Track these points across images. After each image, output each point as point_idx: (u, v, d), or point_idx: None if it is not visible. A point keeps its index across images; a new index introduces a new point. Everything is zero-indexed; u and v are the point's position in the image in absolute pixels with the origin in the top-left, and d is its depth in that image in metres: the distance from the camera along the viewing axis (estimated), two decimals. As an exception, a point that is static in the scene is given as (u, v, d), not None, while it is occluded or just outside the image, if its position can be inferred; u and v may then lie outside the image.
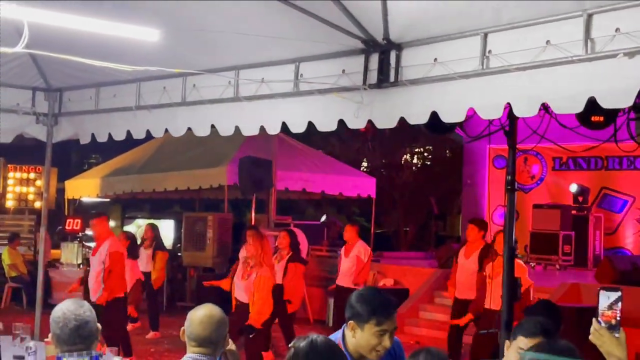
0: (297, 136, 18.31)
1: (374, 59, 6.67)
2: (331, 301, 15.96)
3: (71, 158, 35.95)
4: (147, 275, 14.74)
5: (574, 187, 18.43)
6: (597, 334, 3.43)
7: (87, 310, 4.09)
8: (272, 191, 18.90)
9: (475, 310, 10.82)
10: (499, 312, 8.22)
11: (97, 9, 6.31)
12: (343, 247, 13.99)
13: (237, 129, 7.93)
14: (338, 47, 6.86)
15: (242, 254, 11.81)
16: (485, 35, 5.94)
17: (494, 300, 9.96)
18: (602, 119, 7.11)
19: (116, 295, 10.86)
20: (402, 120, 6.64)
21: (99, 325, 4.16)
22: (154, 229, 15.52)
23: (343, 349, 4.00)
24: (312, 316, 16.37)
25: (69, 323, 4.01)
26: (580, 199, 18.40)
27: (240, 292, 11.15)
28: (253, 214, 18.45)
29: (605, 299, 3.51)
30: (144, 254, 14.86)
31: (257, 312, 10.58)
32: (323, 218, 20.33)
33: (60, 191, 23.11)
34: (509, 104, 5.91)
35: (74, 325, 4.01)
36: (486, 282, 10.52)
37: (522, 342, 4.33)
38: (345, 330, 4.12)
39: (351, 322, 4.06)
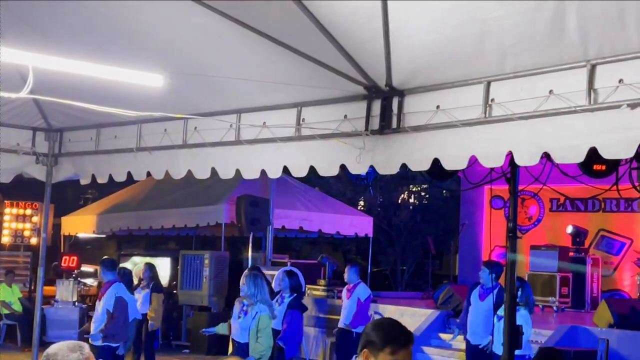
0: (294, 175, 18.33)
1: (376, 105, 6.69)
2: (329, 342, 15.86)
3: (67, 193, 35.82)
4: (144, 316, 14.59)
5: (569, 229, 18.40)
6: None
7: (82, 354, 3.92)
8: (269, 229, 18.88)
9: None
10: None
11: (100, 54, 6.33)
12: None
13: (237, 172, 7.92)
14: (340, 93, 6.89)
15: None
16: (489, 83, 5.97)
17: None
18: (604, 167, 7.12)
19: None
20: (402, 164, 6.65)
21: None
22: (151, 268, 15.32)
23: None
24: (310, 357, 16.23)
25: None
26: (578, 240, 18.36)
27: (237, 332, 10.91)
28: (250, 252, 18.41)
29: None
30: (141, 294, 14.55)
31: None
32: (320, 258, 20.28)
33: (56, 227, 23.03)
34: (510, 152, 5.92)
35: None
36: None
37: None
38: None
39: (365, 350, 3.92)
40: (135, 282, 14.60)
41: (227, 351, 11.03)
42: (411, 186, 27.83)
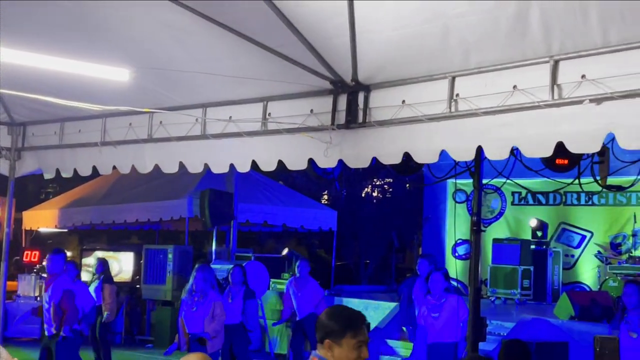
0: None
1: (342, 99, 6.74)
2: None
3: (28, 187, 35.39)
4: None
5: (534, 222, 18.60)
6: None
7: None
8: (233, 223, 18.86)
9: None
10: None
11: (66, 48, 6.29)
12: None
13: (206, 166, 7.92)
14: (306, 87, 6.91)
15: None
16: (453, 78, 6.03)
17: None
18: (566, 162, 7.23)
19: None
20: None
21: None
22: (104, 264, 15.18)
23: None
24: (275, 350, 16.26)
25: None
26: (539, 233, 18.55)
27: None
28: (214, 247, 18.36)
29: None
30: (91, 287, 14.35)
31: None
32: (285, 251, 20.24)
33: (17, 221, 22.78)
34: (480, 146, 5.98)
35: None
36: None
37: None
38: (320, 352, 4.07)
39: (327, 340, 4.01)
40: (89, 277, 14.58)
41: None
42: (375, 180, 27.90)
